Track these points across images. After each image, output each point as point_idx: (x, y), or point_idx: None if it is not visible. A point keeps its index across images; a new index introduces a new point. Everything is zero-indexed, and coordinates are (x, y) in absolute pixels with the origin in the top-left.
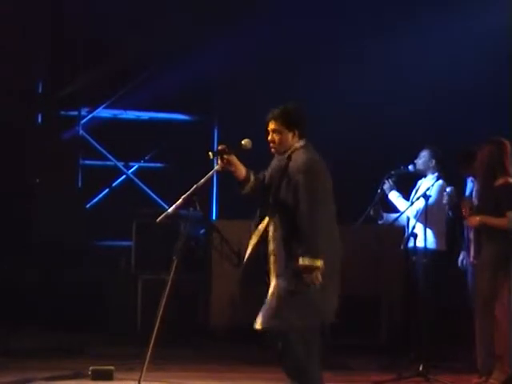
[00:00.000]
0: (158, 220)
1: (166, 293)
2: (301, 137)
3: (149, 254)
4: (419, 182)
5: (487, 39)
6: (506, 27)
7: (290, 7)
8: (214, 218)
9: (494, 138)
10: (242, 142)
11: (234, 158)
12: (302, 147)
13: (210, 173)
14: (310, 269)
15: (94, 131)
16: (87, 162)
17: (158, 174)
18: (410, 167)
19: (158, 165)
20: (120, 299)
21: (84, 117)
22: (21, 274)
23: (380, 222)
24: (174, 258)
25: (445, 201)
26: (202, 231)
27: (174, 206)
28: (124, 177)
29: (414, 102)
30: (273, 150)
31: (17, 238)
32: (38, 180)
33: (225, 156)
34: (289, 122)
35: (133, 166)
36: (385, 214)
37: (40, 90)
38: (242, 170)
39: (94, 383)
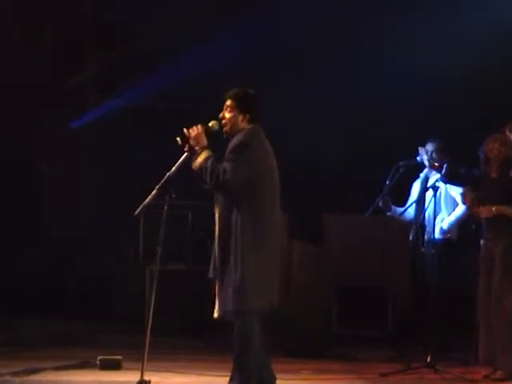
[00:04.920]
0: (135, 213)
1: (155, 284)
2: (251, 122)
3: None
4: (422, 173)
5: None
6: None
7: None
8: None
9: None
10: (209, 124)
11: None
12: (249, 129)
13: (181, 159)
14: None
15: (102, 120)
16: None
17: None
18: (419, 158)
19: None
20: (128, 289)
21: (93, 106)
22: (27, 262)
23: (388, 214)
24: (158, 248)
25: None
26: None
27: (149, 197)
28: None
29: (426, 93)
30: (225, 130)
31: (24, 225)
32: (45, 168)
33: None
34: (241, 104)
35: None
36: (393, 207)
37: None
38: None
39: (102, 372)
